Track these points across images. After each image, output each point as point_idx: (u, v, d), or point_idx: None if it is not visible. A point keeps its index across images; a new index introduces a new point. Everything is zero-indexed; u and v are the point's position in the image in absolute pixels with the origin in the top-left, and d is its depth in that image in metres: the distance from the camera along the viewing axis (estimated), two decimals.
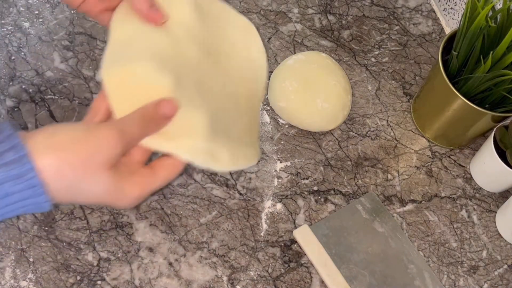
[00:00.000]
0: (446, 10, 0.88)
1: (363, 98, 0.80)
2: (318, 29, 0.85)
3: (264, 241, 0.68)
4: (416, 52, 0.85)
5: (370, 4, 0.89)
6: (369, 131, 0.78)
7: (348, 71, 0.82)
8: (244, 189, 0.71)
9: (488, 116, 0.69)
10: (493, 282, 0.70)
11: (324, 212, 0.71)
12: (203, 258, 0.66)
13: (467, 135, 0.75)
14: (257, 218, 0.70)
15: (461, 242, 0.72)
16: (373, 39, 0.85)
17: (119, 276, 0.64)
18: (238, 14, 0.62)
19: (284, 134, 0.76)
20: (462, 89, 0.69)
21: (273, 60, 0.81)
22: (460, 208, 0.74)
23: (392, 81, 0.82)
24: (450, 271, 0.70)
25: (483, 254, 0.71)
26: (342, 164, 0.75)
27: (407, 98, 0.81)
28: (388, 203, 0.73)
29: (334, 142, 0.76)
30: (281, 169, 0.73)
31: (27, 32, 0.77)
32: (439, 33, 0.88)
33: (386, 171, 0.75)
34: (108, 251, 0.65)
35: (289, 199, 0.71)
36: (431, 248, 0.71)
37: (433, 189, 0.75)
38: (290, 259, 0.68)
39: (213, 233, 0.68)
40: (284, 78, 0.74)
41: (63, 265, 0.64)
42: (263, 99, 0.65)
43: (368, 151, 0.76)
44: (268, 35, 0.83)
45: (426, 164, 0.76)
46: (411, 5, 0.89)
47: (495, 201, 0.75)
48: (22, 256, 0.64)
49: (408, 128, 0.79)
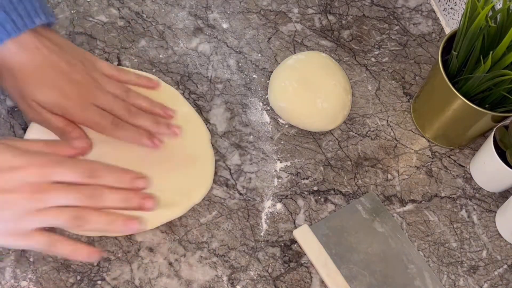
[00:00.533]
0: (446, 10, 0.88)
1: (363, 98, 0.80)
2: (318, 29, 0.85)
3: (264, 241, 0.68)
4: (416, 52, 0.85)
5: (370, 4, 0.89)
6: (369, 131, 0.78)
7: (348, 71, 0.82)
8: (244, 189, 0.71)
9: (488, 116, 0.69)
10: (493, 282, 0.70)
11: (324, 212, 0.71)
12: (203, 258, 0.66)
13: (467, 135, 0.75)
14: (257, 218, 0.70)
15: (461, 242, 0.72)
16: (373, 39, 0.85)
17: (119, 276, 0.64)
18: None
19: (284, 134, 0.76)
20: (462, 89, 0.69)
21: (273, 60, 0.81)
22: (460, 208, 0.74)
23: (392, 81, 0.82)
24: (450, 271, 0.70)
25: (483, 254, 0.72)
26: (342, 164, 0.75)
27: (407, 98, 0.81)
28: (388, 203, 0.73)
29: (334, 142, 0.76)
30: (281, 169, 0.73)
31: None
32: (439, 33, 0.88)
33: (386, 171, 0.75)
34: (108, 251, 0.65)
35: (289, 199, 0.71)
36: (431, 248, 0.71)
37: (433, 189, 0.75)
38: (290, 259, 0.68)
39: (213, 233, 0.68)
40: (284, 78, 0.74)
41: (63, 265, 0.64)
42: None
43: (368, 151, 0.76)
44: (268, 35, 0.83)
45: (426, 164, 0.76)
46: (411, 5, 0.89)
47: (495, 201, 0.75)
48: (22, 256, 0.64)
49: (408, 128, 0.79)
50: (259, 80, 0.79)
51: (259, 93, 0.78)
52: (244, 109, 0.76)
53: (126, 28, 0.80)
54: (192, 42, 0.80)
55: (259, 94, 0.78)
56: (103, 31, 0.79)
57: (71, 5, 0.80)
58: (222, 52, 0.80)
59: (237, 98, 0.77)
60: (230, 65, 0.79)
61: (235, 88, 0.78)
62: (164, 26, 0.81)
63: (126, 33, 0.80)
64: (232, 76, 0.79)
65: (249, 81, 0.79)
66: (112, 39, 0.79)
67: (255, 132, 0.75)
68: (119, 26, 0.80)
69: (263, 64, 0.80)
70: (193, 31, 0.81)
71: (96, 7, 0.81)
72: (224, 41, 0.81)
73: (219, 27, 0.82)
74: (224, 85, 0.78)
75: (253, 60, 0.80)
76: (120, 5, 0.82)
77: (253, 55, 0.81)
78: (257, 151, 0.74)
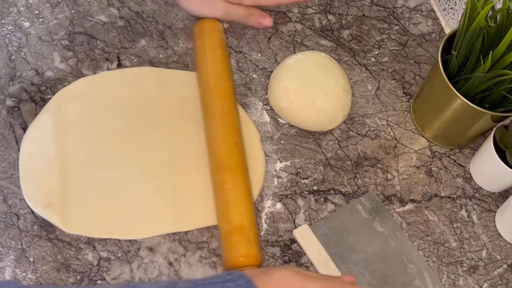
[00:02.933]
0: (446, 10, 0.88)
1: (363, 98, 0.80)
2: (318, 28, 0.85)
3: (264, 241, 0.68)
4: (416, 52, 0.85)
5: (370, 4, 0.89)
6: (369, 131, 0.78)
7: (348, 70, 0.82)
8: None
9: (487, 116, 0.69)
10: (492, 282, 0.70)
11: (324, 211, 0.71)
12: (203, 257, 0.66)
13: (466, 134, 0.75)
14: (257, 218, 0.70)
15: (461, 241, 0.72)
16: (373, 39, 0.85)
17: (119, 276, 0.64)
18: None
19: (284, 134, 0.76)
20: (461, 89, 0.69)
21: (273, 60, 0.81)
22: (460, 208, 0.74)
23: (392, 80, 0.82)
24: (450, 270, 0.70)
25: (483, 254, 0.72)
26: (342, 164, 0.75)
27: (407, 98, 0.81)
28: (388, 203, 0.73)
29: (334, 141, 0.76)
30: (281, 169, 0.73)
31: (27, 31, 0.77)
32: (438, 33, 0.88)
33: (386, 171, 0.75)
34: (108, 250, 0.65)
35: (289, 199, 0.71)
36: (431, 247, 0.71)
37: (432, 188, 0.75)
38: (290, 258, 0.68)
39: (213, 233, 0.68)
40: (284, 77, 0.74)
41: (63, 264, 0.64)
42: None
43: (368, 151, 0.76)
44: (268, 35, 0.83)
45: (426, 164, 0.77)
46: (411, 5, 0.90)
47: (494, 200, 0.75)
48: (22, 256, 0.64)
49: (408, 127, 0.79)
50: (259, 80, 0.79)
51: (259, 92, 0.78)
52: (244, 109, 0.76)
53: (126, 28, 0.80)
54: (192, 42, 0.80)
55: (259, 94, 0.78)
56: (103, 30, 0.79)
57: (71, 5, 0.80)
58: None
59: (237, 98, 0.77)
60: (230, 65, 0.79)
61: (235, 87, 0.78)
62: (164, 26, 0.81)
63: (126, 32, 0.80)
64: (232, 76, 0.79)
65: (249, 81, 0.79)
66: (112, 38, 0.79)
67: None
68: (119, 26, 0.80)
69: (263, 64, 0.80)
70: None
71: (96, 7, 0.81)
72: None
73: None
74: None
75: (253, 60, 0.80)
76: (120, 5, 0.82)
77: (253, 54, 0.81)
78: None
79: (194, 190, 0.69)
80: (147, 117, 0.73)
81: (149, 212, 0.67)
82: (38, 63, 0.76)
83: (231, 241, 0.63)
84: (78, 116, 0.72)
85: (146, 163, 0.69)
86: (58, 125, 0.70)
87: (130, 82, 0.75)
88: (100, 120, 0.72)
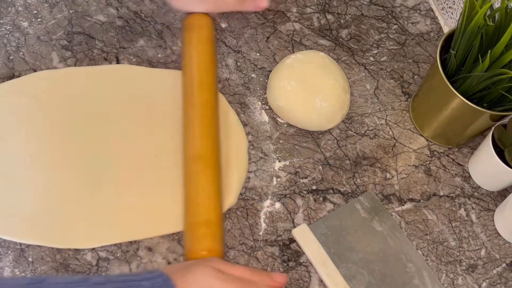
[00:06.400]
0: (445, 9, 0.88)
1: (362, 97, 0.80)
2: (316, 28, 0.85)
3: (263, 240, 0.68)
4: (414, 51, 0.85)
5: (368, 3, 0.89)
6: (368, 130, 0.78)
7: (347, 70, 0.82)
8: (243, 188, 0.71)
9: (486, 115, 0.69)
10: (491, 281, 0.70)
11: (323, 211, 0.71)
12: None
13: (465, 134, 0.75)
14: (256, 218, 0.70)
15: (460, 240, 0.72)
16: (371, 38, 0.85)
17: None
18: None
19: (282, 133, 0.76)
20: (460, 88, 0.69)
21: (271, 60, 0.81)
22: (459, 207, 0.74)
23: (391, 80, 0.82)
24: (448, 269, 0.70)
25: (482, 253, 0.72)
26: (341, 163, 0.75)
27: (406, 97, 0.81)
28: (387, 202, 0.73)
29: (333, 141, 0.76)
30: (280, 168, 0.73)
31: (26, 31, 0.77)
32: (437, 32, 0.88)
33: (385, 170, 0.75)
34: (107, 250, 0.65)
35: (288, 198, 0.71)
36: (430, 247, 0.71)
37: (431, 188, 0.75)
38: (289, 258, 0.68)
39: None
40: (283, 77, 0.74)
41: (62, 264, 0.64)
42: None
43: (367, 150, 0.76)
44: (267, 35, 0.83)
45: (425, 163, 0.77)
46: (409, 4, 0.90)
47: (493, 199, 0.75)
48: (21, 256, 0.64)
49: (407, 127, 0.79)
50: (258, 79, 0.79)
51: (257, 92, 0.78)
52: (242, 109, 0.76)
53: (124, 28, 0.80)
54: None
55: (258, 94, 0.78)
56: (101, 30, 0.79)
57: (70, 5, 0.80)
58: (220, 52, 0.80)
59: (235, 98, 0.77)
60: (229, 65, 0.79)
61: (234, 87, 0.78)
62: (162, 26, 0.81)
63: (124, 32, 0.80)
64: (231, 76, 0.79)
65: (247, 81, 0.79)
66: (111, 38, 0.79)
67: (254, 132, 0.75)
68: (117, 26, 0.80)
69: (262, 64, 0.80)
70: None
71: (95, 6, 0.81)
72: (222, 40, 0.81)
73: (217, 27, 0.82)
74: (223, 84, 0.78)
75: (251, 60, 0.80)
76: (119, 5, 0.82)
77: (252, 54, 0.81)
78: (255, 151, 0.74)
79: (164, 190, 0.69)
80: (105, 115, 0.72)
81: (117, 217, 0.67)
82: (36, 63, 0.75)
83: (197, 233, 0.62)
84: (22, 110, 0.70)
85: (86, 169, 0.68)
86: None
87: (97, 79, 0.74)
88: (49, 117, 0.71)
